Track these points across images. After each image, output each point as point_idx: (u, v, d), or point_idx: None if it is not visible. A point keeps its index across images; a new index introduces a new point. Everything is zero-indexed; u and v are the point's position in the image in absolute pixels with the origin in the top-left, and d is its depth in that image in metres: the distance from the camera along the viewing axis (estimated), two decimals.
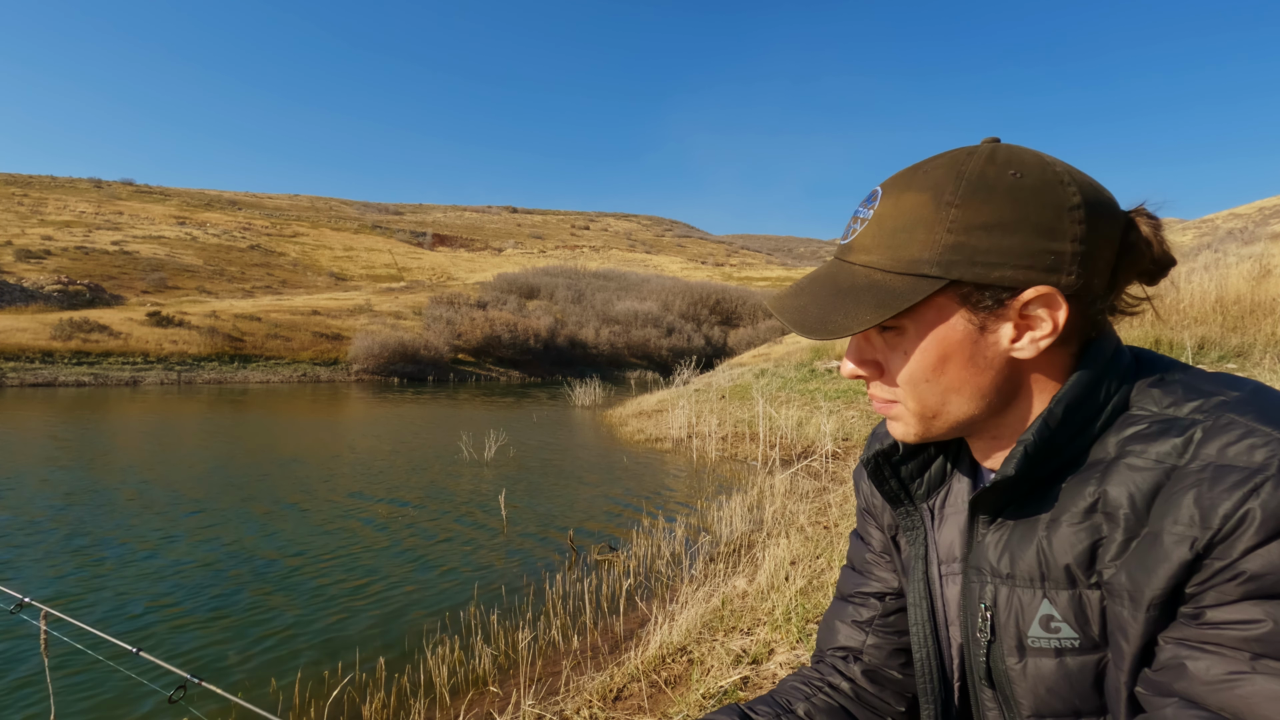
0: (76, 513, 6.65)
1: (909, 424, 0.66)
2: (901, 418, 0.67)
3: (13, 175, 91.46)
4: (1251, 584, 0.49)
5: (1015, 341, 0.60)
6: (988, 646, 0.65)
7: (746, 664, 2.92)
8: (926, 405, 0.64)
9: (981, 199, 0.57)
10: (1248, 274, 10.11)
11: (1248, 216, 30.25)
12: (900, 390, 0.65)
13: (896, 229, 0.60)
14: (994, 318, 0.59)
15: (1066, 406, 0.60)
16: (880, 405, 0.68)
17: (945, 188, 0.58)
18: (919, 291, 0.59)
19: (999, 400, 0.63)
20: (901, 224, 0.60)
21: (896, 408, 0.66)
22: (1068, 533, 0.59)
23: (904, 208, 0.60)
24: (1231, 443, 0.53)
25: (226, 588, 4.75)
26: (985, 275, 0.57)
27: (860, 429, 9.99)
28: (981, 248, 0.57)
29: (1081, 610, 0.59)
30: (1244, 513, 0.49)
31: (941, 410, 0.64)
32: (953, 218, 0.57)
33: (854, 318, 0.60)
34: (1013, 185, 0.57)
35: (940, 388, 0.63)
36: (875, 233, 0.62)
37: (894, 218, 0.61)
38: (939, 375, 0.62)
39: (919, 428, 0.66)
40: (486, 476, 8.81)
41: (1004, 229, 0.57)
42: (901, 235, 0.60)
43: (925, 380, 0.63)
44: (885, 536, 0.84)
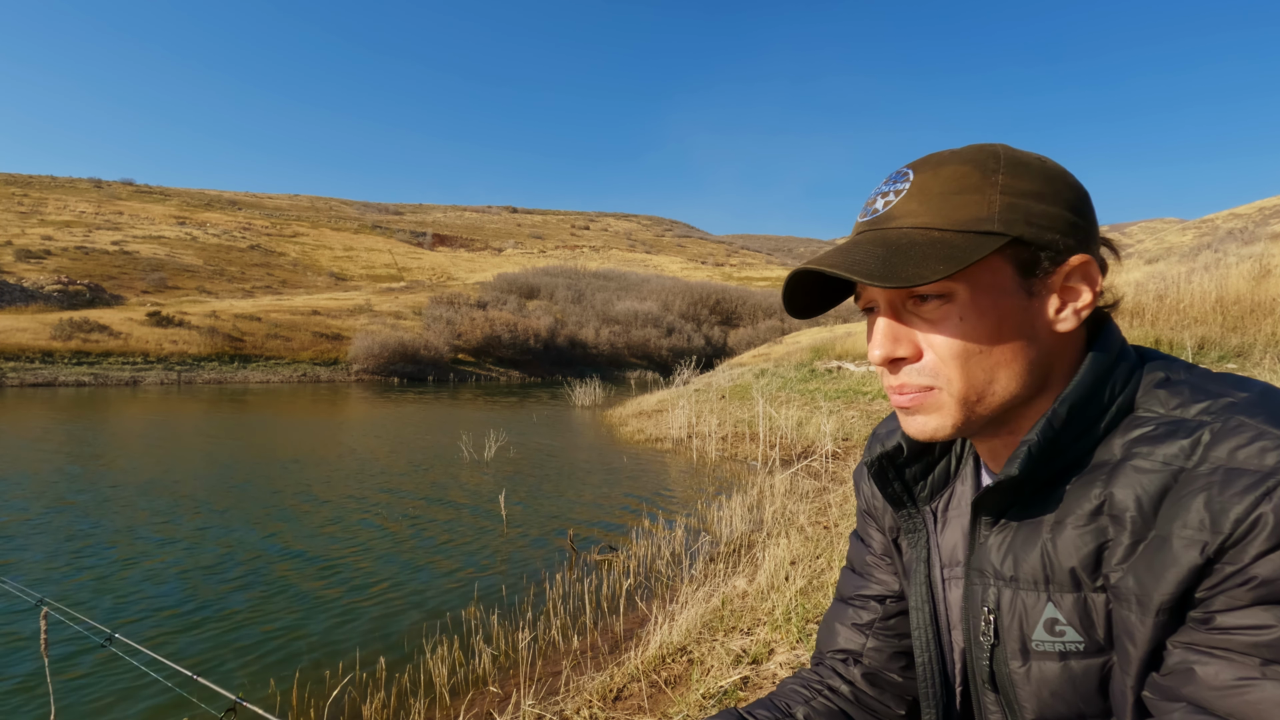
0: (75, 513, 6.64)
1: (947, 412, 0.62)
2: (939, 406, 0.62)
3: (13, 175, 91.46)
4: (1263, 589, 0.48)
5: (1059, 312, 0.60)
6: (991, 650, 0.64)
7: (746, 664, 2.91)
8: (974, 384, 0.60)
9: (1021, 171, 0.59)
10: (1248, 274, 10.10)
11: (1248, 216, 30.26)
12: (944, 369, 0.61)
13: (946, 193, 0.60)
14: (1042, 285, 0.60)
15: (1071, 406, 0.59)
16: (911, 397, 0.63)
17: (986, 161, 0.60)
18: (983, 247, 0.57)
19: (1037, 381, 0.61)
20: (950, 189, 0.60)
21: (934, 395, 0.62)
22: (1073, 535, 0.58)
23: (947, 176, 0.60)
24: (1242, 445, 0.52)
25: (226, 588, 4.74)
26: (1041, 236, 0.58)
27: (860, 429, 9.99)
28: (1034, 211, 0.58)
29: (1087, 613, 0.58)
30: (1256, 517, 0.49)
31: (987, 391, 0.61)
32: (1003, 183, 0.59)
33: (927, 268, 0.57)
34: (1043, 166, 0.60)
35: (991, 361, 0.60)
36: (920, 198, 0.61)
37: (939, 185, 0.60)
38: (992, 345, 0.59)
39: (959, 415, 0.61)
40: (486, 476, 8.81)
41: (1045, 199, 0.59)
42: (953, 198, 0.59)
43: (978, 352, 0.60)
44: (886, 539, 0.83)
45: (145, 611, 4.33)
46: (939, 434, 0.63)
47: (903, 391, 0.63)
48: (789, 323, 53.29)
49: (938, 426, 0.62)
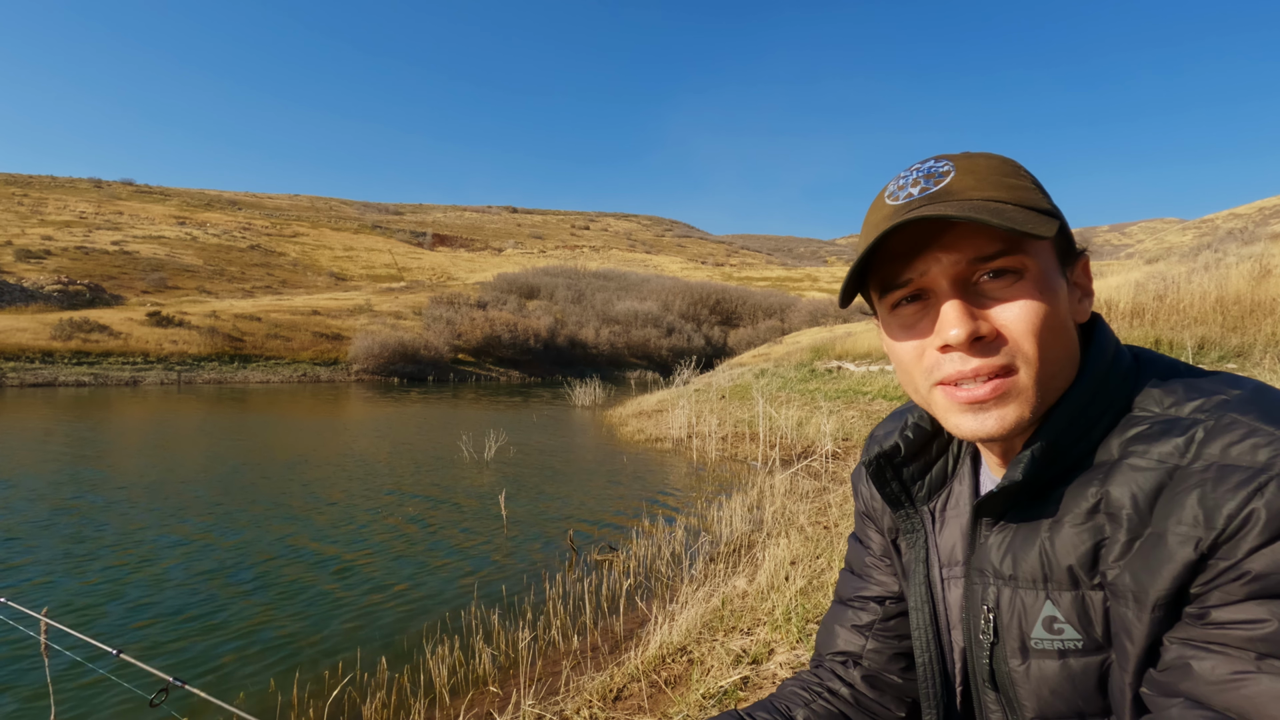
0: (77, 514, 6.65)
1: (1026, 399, 0.59)
2: (1020, 392, 0.59)
3: (13, 175, 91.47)
4: (1256, 584, 0.49)
5: (1080, 302, 0.64)
6: (990, 649, 0.65)
7: (746, 664, 2.91)
8: (1049, 362, 0.58)
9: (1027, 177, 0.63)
10: (1248, 274, 10.10)
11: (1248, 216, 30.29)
12: (1024, 346, 0.58)
13: (1001, 175, 0.60)
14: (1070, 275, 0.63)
15: (1072, 411, 0.60)
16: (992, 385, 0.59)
17: (1005, 161, 0.63)
18: (1051, 225, 0.56)
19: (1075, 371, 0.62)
20: (1002, 173, 0.60)
21: (1014, 381, 0.58)
22: (1070, 534, 0.59)
23: (992, 165, 0.61)
24: (1234, 442, 0.52)
25: (226, 588, 4.74)
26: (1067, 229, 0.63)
27: (860, 429, 9.99)
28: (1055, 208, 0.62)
29: (1085, 611, 0.58)
30: (1248, 513, 0.49)
31: (1058, 372, 0.59)
32: (1031, 181, 0.62)
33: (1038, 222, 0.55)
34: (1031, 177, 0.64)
35: (1061, 340, 0.59)
36: (977, 177, 0.60)
37: (988, 171, 0.60)
38: (1058, 324, 0.59)
39: (1036, 400, 0.59)
40: (486, 476, 8.81)
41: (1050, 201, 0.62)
42: (1009, 180, 0.60)
43: (1051, 329, 0.58)
44: (885, 540, 0.83)
45: (146, 611, 4.33)
46: (1019, 425, 0.59)
47: (980, 376, 0.59)
48: (789, 323, 53.30)
49: (1018, 417, 0.59)
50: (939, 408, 0.62)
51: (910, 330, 0.63)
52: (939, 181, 0.60)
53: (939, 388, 0.61)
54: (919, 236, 0.60)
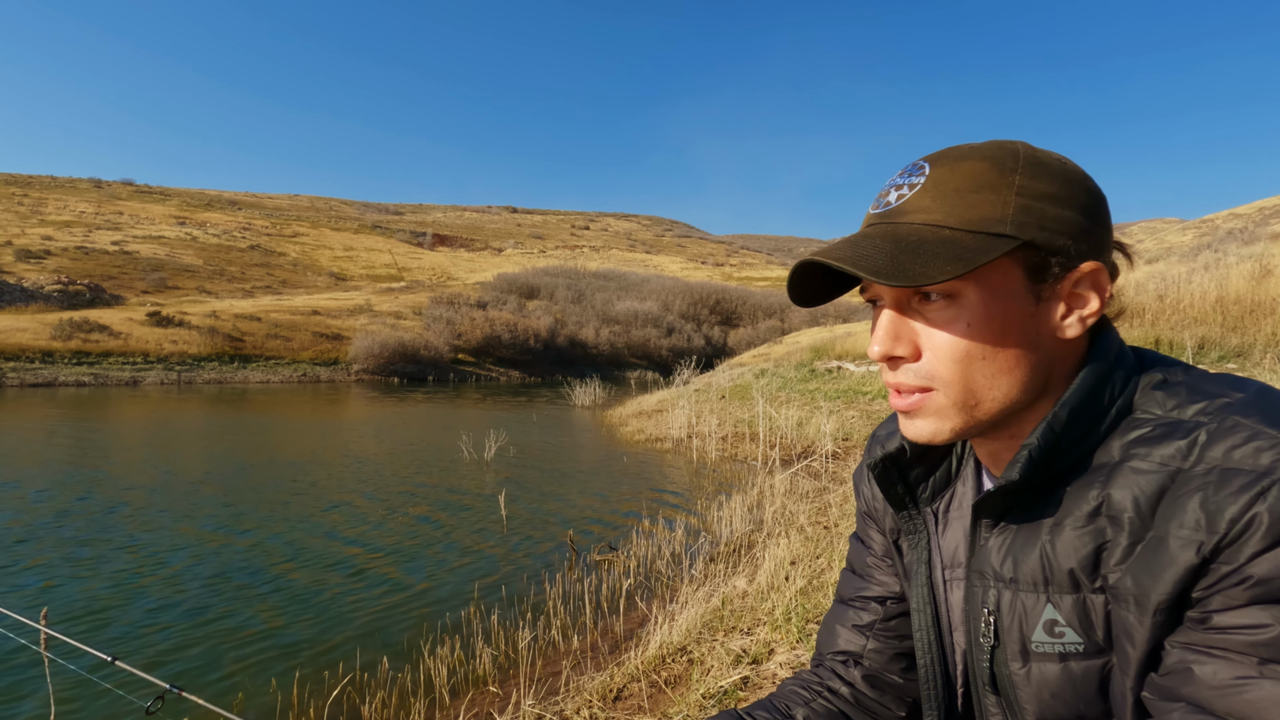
0: (75, 515, 6.64)
1: (944, 417, 0.61)
2: (936, 411, 0.61)
3: (13, 175, 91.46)
4: (1259, 588, 0.49)
5: (1065, 319, 0.60)
6: (991, 651, 0.64)
7: (746, 664, 2.91)
8: (972, 388, 0.59)
9: (1040, 172, 0.58)
10: (1248, 274, 10.10)
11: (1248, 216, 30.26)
12: (941, 372, 0.60)
13: (961, 190, 0.59)
14: (1050, 290, 0.59)
15: (1071, 410, 0.59)
16: (907, 399, 0.62)
17: (1005, 160, 0.59)
18: (994, 249, 0.56)
19: (1037, 387, 0.61)
20: (966, 186, 0.59)
21: (930, 398, 0.61)
22: (1071, 536, 0.58)
23: (964, 172, 0.59)
24: (1237, 445, 0.52)
25: (226, 588, 4.74)
26: (1052, 241, 0.57)
27: (860, 429, 9.99)
28: (1048, 214, 0.57)
29: (1086, 615, 0.58)
30: (1251, 517, 0.49)
31: (986, 396, 0.60)
32: (1020, 184, 0.58)
33: (935, 268, 0.56)
34: (1062, 167, 0.59)
35: (994, 366, 0.59)
36: (934, 194, 0.59)
37: (955, 181, 0.59)
38: (996, 351, 0.58)
39: (957, 420, 0.61)
40: (486, 476, 8.81)
41: (1062, 202, 0.58)
42: (968, 196, 0.58)
43: (980, 357, 0.59)
44: (886, 540, 0.83)
45: (145, 612, 4.33)
46: (936, 438, 0.62)
47: (899, 391, 0.63)
48: (789, 323, 53.32)
49: (934, 431, 0.62)
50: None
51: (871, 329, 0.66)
52: (901, 195, 0.61)
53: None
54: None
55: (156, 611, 4.33)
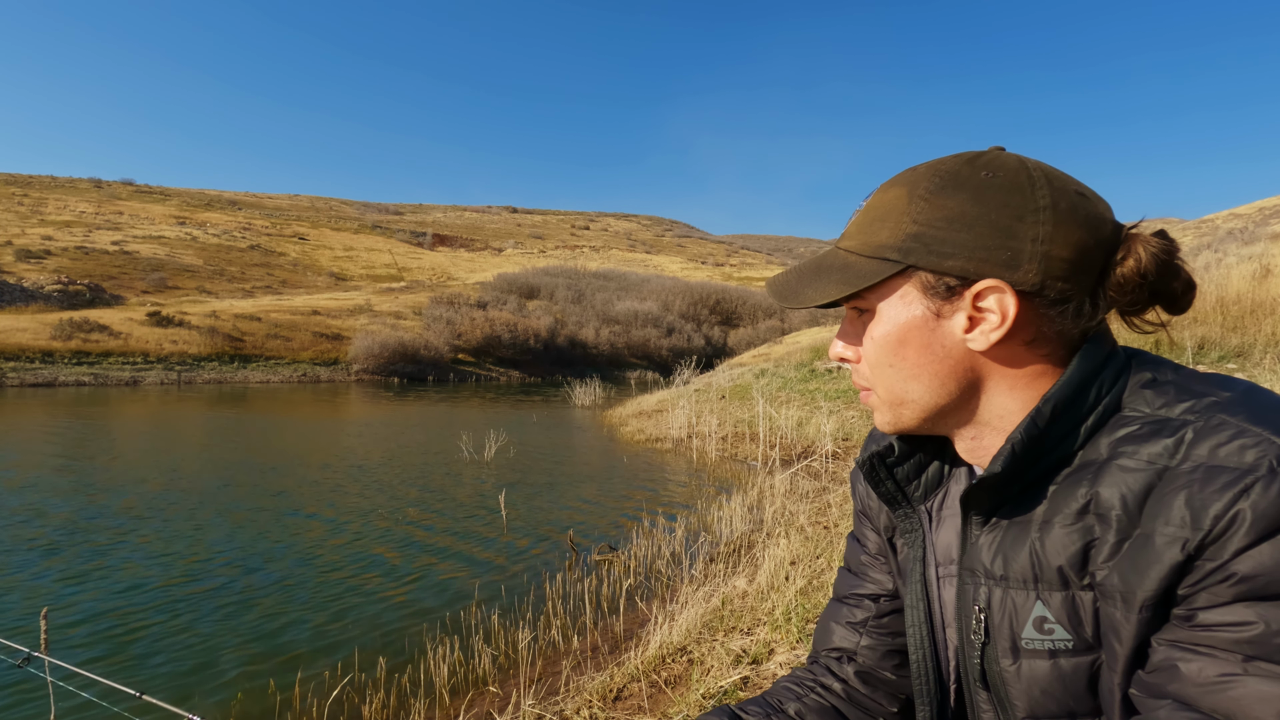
0: (77, 514, 6.65)
1: (881, 411, 0.70)
2: (878, 405, 0.70)
3: (13, 175, 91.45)
4: (1243, 585, 0.49)
5: (968, 332, 0.62)
6: (982, 648, 0.65)
7: (746, 664, 2.92)
8: (892, 391, 0.67)
9: (948, 195, 0.61)
10: (1248, 274, 10.10)
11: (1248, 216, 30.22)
12: (868, 374, 0.69)
13: (873, 219, 0.66)
14: (949, 306, 0.62)
15: (1054, 406, 0.60)
16: (861, 394, 0.72)
17: (920, 183, 0.63)
18: (879, 273, 0.64)
19: (960, 392, 0.65)
20: (878, 214, 0.65)
21: (872, 396, 0.70)
22: (1060, 534, 0.59)
23: (885, 200, 0.66)
24: (1223, 443, 0.53)
25: (226, 587, 4.75)
26: (939, 264, 0.61)
27: (860, 429, 10.00)
28: (939, 238, 0.61)
29: (1075, 612, 0.59)
30: (1235, 514, 0.49)
31: (905, 397, 0.67)
32: (918, 210, 0.62)
33: (820, 291, 0.67)
34: (982, 183, 0.60)
35: (901, 373, 0.66)
36: (859, 222, 0.67)
37: (875, 209, 0.66)
38: (899, 359, 0.66)
39: (890, 415, 0.69)
40: (486, 476, 8.82)
41: (963, 223, 0.60)
42: (875, 224, 0.65)
43: (888, 364, 0.66)
44: (881, 539, 0.84)
45: (144, 611, 4.34)
46: (887, 428, 0.71)
47: (857, 387, 0.73)
48: (789, 323, 53.29)
49: (880, 422, 0.71)
50: None
51: None
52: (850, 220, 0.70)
53: None
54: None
55: (156, 610, 4.34)
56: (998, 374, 0.64)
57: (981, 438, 0.67)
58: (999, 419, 0.65)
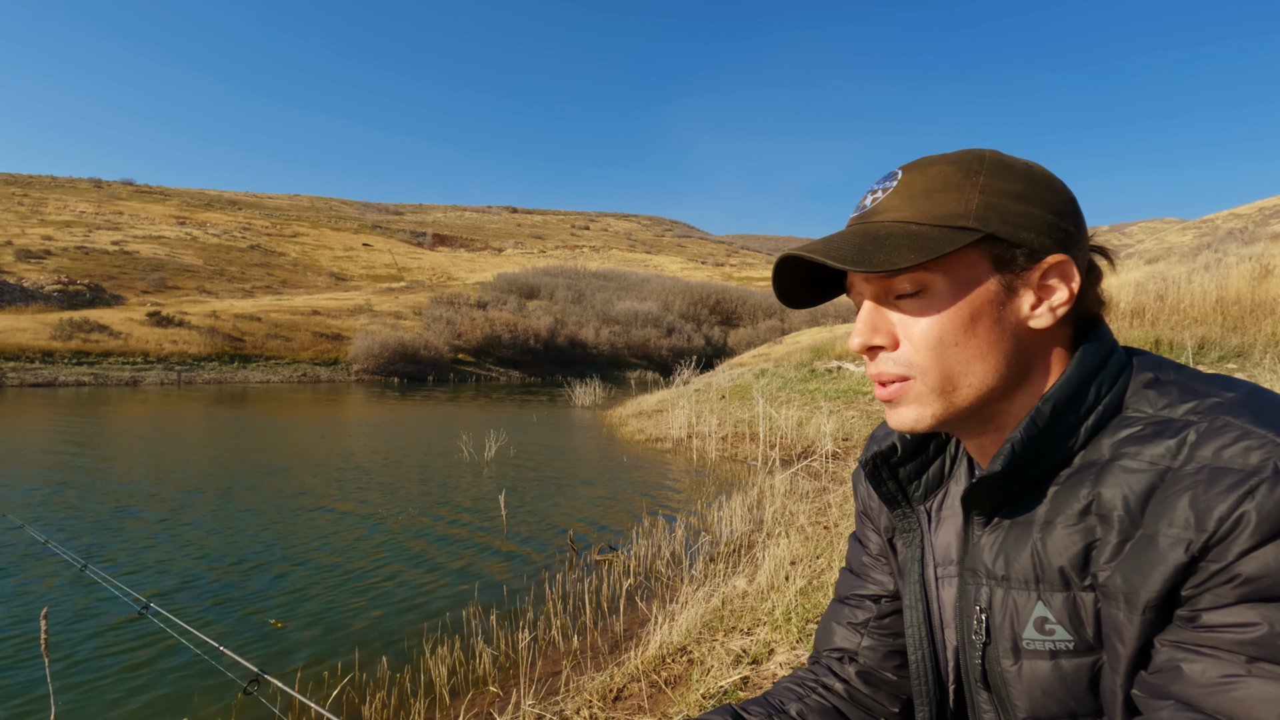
0: (78, 513, 6.65)
1: (924, 403, 0.63)
2: (915, 397, 0.64)
3: (13, 175, 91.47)
4: (1247, 587, 0.49)
5: (1035, 309, 0.62)
6: (983, 649, 0.65)
7: (747, 664, 2.92)
8: (949, 374, 0.62)
9: (1004, 175, 0.62)
10: (1248, 274, 10.10)
11: (1248, 216, 30.22)
12: (919, 359, 0.62)
13: (928, 190, 0.62)
14: (1019, 281, 0.61)
15: (1055, 405, 0.60)
16: (888, 388, 0.65)
17: (970, 163, 0.62)
18: (957, 241, 0.60)
19: (1015, 375, 0.63)
20: (933, 187, 0.62)
21: (910, 386, 0.63)
22: (1062, 535, 0.59)
23: (932, 175, 0.63)
24: (1227, 445, 0.52)
25: (225, 588, 4.75)
26: (1016, 234, 0.60)
27: (860, 429, 9.99)
28: (1011, 210, 0.60)
29: (1076, 612, 0.59)
30: (1239, 515, 0.49)
31: (962, 382, 0.62)
32: (983, 183, 0.61)
33: (898, 255, 0.59)
34: (1028, 169, 0.63)
35: (967, 353, 0.61)
36: (904, 196, 0.63)
37: (924, 184, 0.63)
38: (968, 337, 0.61)
39: (937, 405, 0.63)
40: (486, 476, 8.81)
41: (1026, 200, 0.61)
42: (935, 195, 0.62)
43: (954, 343, 0.61)
44: (882, 539, 0.84)
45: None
46: (919, 425, 0.64)
47: (880, 381, 0.66)
48: (789, 323, 53.31)
49: (916, 418, 0.64)
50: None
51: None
52: (875, 198, 0.65)
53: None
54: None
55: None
56: (1043, 358, 0.64)
57: (1006, 429, 0.65)
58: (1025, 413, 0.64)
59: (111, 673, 3.50)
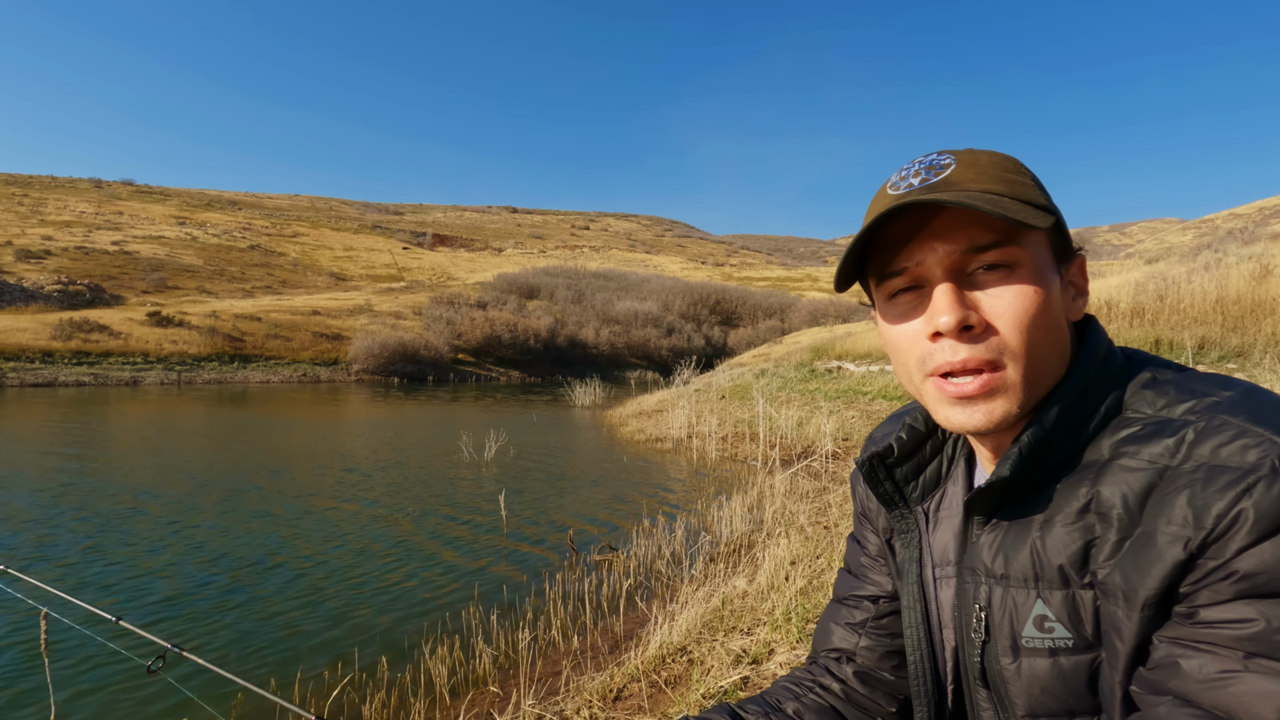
0: (78, 513, 6.65)
1: (1013, 396, 0.59)
2: (1008, 389, 0.59)
3: (13, 175, 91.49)
4: (1244, 583, 0.49)
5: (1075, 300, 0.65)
6: (982, 647, 0.65)
7: (746, 664, 2.92)
8: (1036, 359, 0.59)
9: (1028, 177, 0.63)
10: (1248, 274, 10.10)
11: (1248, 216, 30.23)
12: (1011, 342, 0.58)
13: (1000, 170, 0.61)
14: (1065, 273, 0.64)
15: (1060, 408, 0.60)
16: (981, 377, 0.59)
17: (1007, 158, 0.63)
18: (1046, 218, 0.58)
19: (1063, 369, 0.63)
20: (1002, 169, 0.61)
21: (1001, 376, 0.59)
22: (1061, 533, 0.59)
23: (993, 160, 0.62)
24: (1224, 443, 0.53)
25: (225, 588, 4.75)
26: (1062, 227, 0.63)
27: (860, 429, 10.00)
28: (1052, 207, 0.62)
29: (1075, 610, 0.59)
30: (1237, 512, 0.50)
31: (1043, 370, 0.60)
32: (1032, 178, 0.63)
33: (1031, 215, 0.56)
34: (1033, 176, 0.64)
35: (1050, 336, 0.59)
36: (977, 170, 0.60)
37: (990, 165, 0.61)
38: (1048, 319, 0.59)
39: (1025, 397, 0.59)
40: (486, 476, 8.82)
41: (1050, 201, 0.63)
42: (1008, 175, 0.60)
43: (1043, 325, 0.59)
44: (880, 540, 0.84)
45: (141, 611, 4.34)
46: (1006, 420, 0.60)
47: (967, 368, 0.59)
48: (789, 323, 53.31)
49: (1006, 413, 0.60)
50: (930, 399, 0.63)
51: (905, 318, 0.64)
52: (939, 173, 0.61)
53: (931, 380, 0.62)
54: (915, 224, 0.61)
55: (152, 609, 4.34)
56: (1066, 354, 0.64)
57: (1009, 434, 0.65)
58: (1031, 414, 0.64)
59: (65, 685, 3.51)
